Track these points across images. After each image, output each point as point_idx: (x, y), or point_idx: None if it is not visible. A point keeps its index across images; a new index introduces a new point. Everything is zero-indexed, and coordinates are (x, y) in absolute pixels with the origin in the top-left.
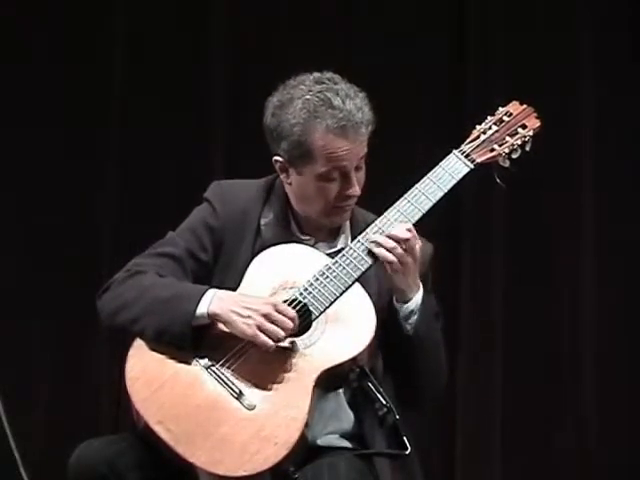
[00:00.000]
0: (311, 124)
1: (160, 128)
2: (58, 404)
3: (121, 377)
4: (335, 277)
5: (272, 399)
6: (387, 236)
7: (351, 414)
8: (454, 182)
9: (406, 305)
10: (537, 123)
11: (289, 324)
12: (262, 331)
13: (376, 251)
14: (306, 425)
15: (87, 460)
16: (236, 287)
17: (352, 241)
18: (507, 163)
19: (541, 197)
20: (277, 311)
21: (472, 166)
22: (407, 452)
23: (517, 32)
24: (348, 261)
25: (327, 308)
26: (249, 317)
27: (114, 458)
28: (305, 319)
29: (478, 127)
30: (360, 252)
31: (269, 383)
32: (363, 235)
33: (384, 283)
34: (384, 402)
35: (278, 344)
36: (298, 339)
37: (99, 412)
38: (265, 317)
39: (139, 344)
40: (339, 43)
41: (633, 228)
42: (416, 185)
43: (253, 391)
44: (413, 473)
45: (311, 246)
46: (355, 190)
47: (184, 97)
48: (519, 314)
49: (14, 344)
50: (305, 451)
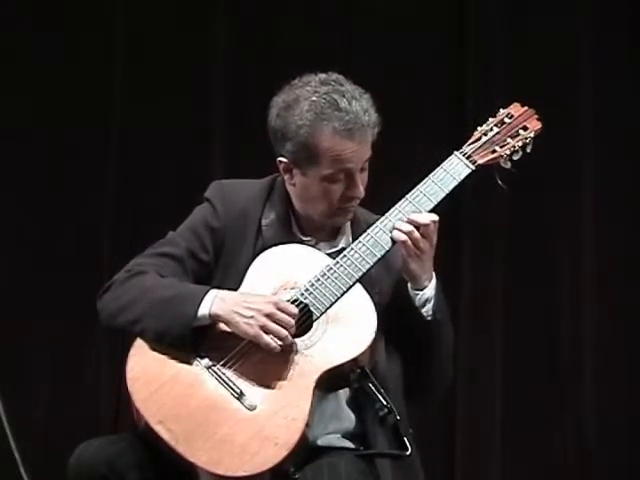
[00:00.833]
0: (317, 126)
1: (160, 128)
2: (58, 404)
3: (121, 377)
4: (336, 278)
5: (273, 399)
6: (407, 221)
7: (352, 414)
8: (455, 183)
9: (422, 292)
10: (538, 125)
11: (291, 322)
12: (265, 331)
13: (394, 233)
14: (307, 425)
15: (87, 460)
16: (237, 287)
17: (353, 241)
18: (508, 164)
19: (541, 197)
20: (279, 309)
21: (473, 167)
22: (408, 452)
23: (517, 32)
24: (349, 262)
25: (328, 309)
26: (252, 317)
27: (114, 458)
28: (306, 320)
29: (479, 128)
30: (361, 252)
31: (270, 383)
32: (364, 235)
33: (388, 282)
34: (385, 402)
35: (281, 344)
36: (299, 339)
37: (99, 412)
38: (268, 317)
39: (140, 344)
40: (339, 43)
41: (633, 228)
42: (417, 186)
43: (254, 391)
44: (414, 473)
45: (312, 246)
46: (359, 192)
47: (184, 97)
48: (519, 314)
49: (14, 344)
50: (305, 451)
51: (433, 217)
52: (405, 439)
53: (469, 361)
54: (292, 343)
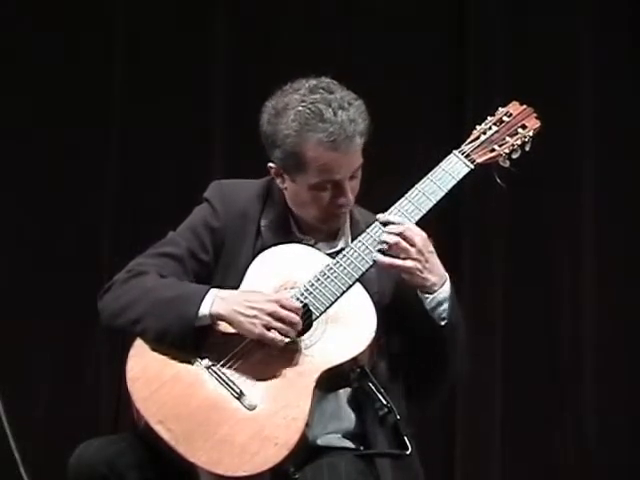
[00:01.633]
0: (302, 137)
1: (160, 128)
2: (58, 404)
3: (121, 377)
4: (336, 277)
5: (273, 399)
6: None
7: (352, 414)
8: (454, 182)
9: (432, 296)
10: (537, 123)
11: (295, 319)
12: (269, 330)
13: (376, 256)
14: (307, 425)
15: (87, 460)
16: (237, 287)
17: (352, 241)
18: (507, 163)
19: (541, 197)
20: (282, 306)
21: (472, 166)
22: (408, 452)
23: (517, 32)
24: (349, 261)
25: (328, 308)
26: (255, 317)
27: (114, 458)
28: (306, 319)
29: (478, 127)
30: (361, 252)
31: (270, 383)
32: (364, 235)
33: (388, 282)
34: (385, 402)
35: (284, 341)
36: (299, 339)
37: (99, 412)
38: (271, 315)
39: (140, 344)
40: (339, 43)
41: (633, 228)
42: (416, 185)
43: (254, 391)
44: (414, 473)
45: (311, 246)
46: (347, 200)
47: (184, 97)
48: (519, 314)
49: (14, 344)
50: (305, 451)
51: (397, 229)
52: (405, 439)
53: (469, 361)
54: (293, 341)
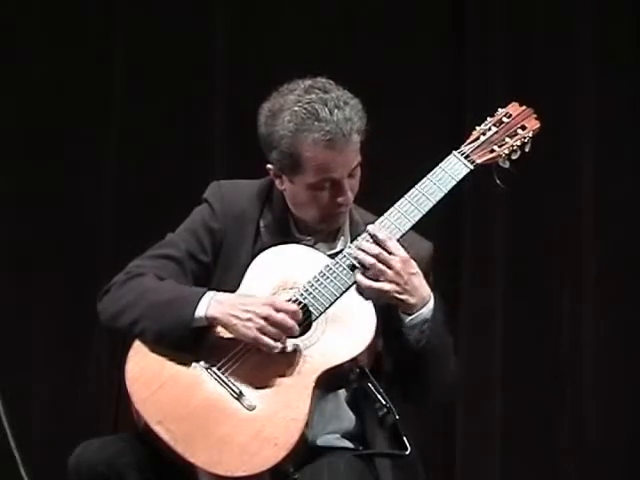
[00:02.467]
0: (298, 137)
1: (160, 128)
2: (58, 404)
3: (121, 377)
4: (335, 278)
5: (272, 400)
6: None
7: (351, 414)
8: (454, 183)
9: (411, 317)
10: (537, 124)
11: (290, 322)
12: (263, 334)
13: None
14: (306, 426)
15: (87, 460)
16: (236, 288)
17: (352, 242)
18: (507, 164)
19: (541, 197)
20: (276, 310)
21: (472, 167)
22: (407, 452)
23: (517, 32)
24: (348, 262)
25: (327, 309)
26: (249, 320)
27: (114, 458)
28: (305, 320)
29: (478, 128)
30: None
31: (269, 384)
32: (364, 236)
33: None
34: (384, 402)
35: (280, 345)
36: (298, 340)
37: (99, 412)
38: (265, 319)
39: (139, 345)
40: (339, 43)
41: (633, 228)
42: (416, 186)
43: (253, 392)
44: (413, 473)
45: (311, 247)
46: (347, 199)
47: (184, 97)
48: (519, 314)
49: (14, 344)
50: (305, 451)
51: (389, 244)
52: (404, 439)
53: (469, 361)
54: (291, 343)
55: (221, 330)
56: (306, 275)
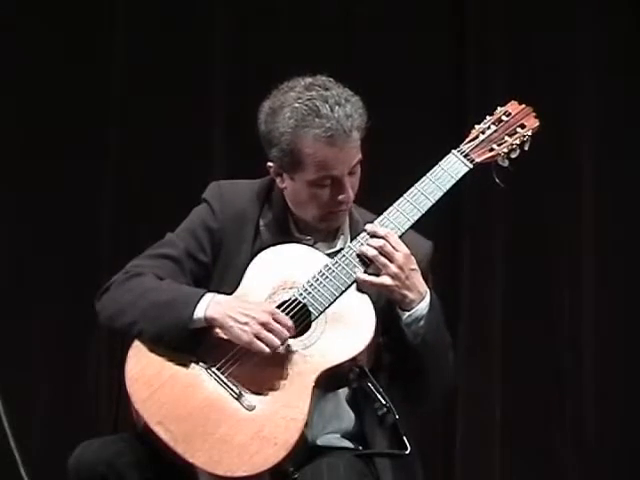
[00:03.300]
0: (299, 133)
1: (160, 128)
2: (58, 404)
3: (121, 377)
4: (334, 277)
5: (272, 400)
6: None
7: (351, 414)
8: (453, 182)
9: (409, 312)
10: (536, 123)
11: (285, 334)
12: (259, 339)
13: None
14: (306, 425)
15: (87, 460)
16: (235, 287)
17: (351, 241)
18: (506, 163)
19: (541, 197)
20: (275, 320)
21: (471, 166)
22: (407, 452)
23: (517, 32)
24: (347, 261)
25: (327, 308)
26: (246, 324)
27: (114, 458)
28: (305, 319)
29: (477, 127)
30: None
31: (269, 384)
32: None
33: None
34: (384, 402)
35: (274, 351)
36: (297, 339)
37: (99, 412)
38: (262, 325)
39: (139, 345)
40: (339, 43)
41: (633, 228)
42: (415, 185)
43: (253, 392)
44: (413, 473)
45: (310, 246)
46: (348, 196)
47: (184, 97)
48: (519, 314)
49: (14, 344)
50: (305, 451)
51: (376, 243)
52: (404, 438)
53: (469, 361)
54: (291, 344)
55: (221, 330)
56: (305, 275)
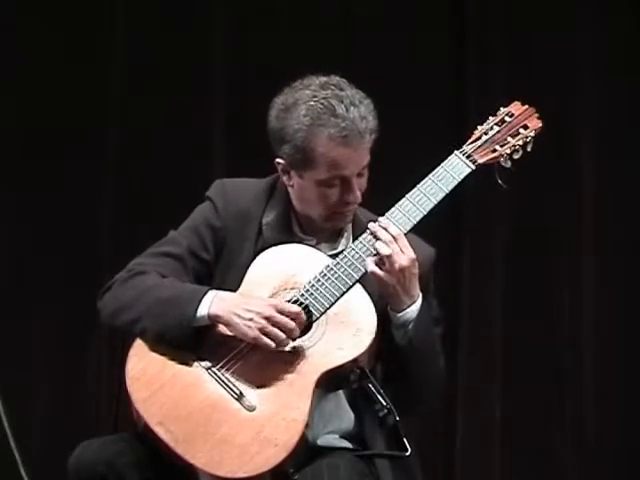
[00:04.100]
0: (313, 131)
1: (160, 128)
2: (58, 404)
3: (121, 377)
4: (336, 278)
5: (272, 400)
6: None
7: (351, 414)
8: (455, 183)
9: (399, 314)
10: (539, 124)
11: (291, 325)
12: (264, 334)
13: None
14: (306, 426)
15: (87, 460)
16: (237, 286)
17: (353, 242)
18: (508, 164)
19: (541, 197)
20: (279, 312)
21: (473, 167)
22: (407, 453)
23: (517, 32)
24: (349, 262)
25: (328, 309)
26: (251, 320)
27: (114, 458)
28: (306, 320)
29: (480, 128)
30: (361, 253)
31: (269, 384)
32: (365, 236)
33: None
34: (384, 403)
35: (280, 346)
36: (299, 340)
37: (99, 412)
38: (267, 320)
39: (139, 344)
40: (339, 43)
41: (633, 228)
42: (417, 185)
43: (253, 392)
44: (413, 474)
45: (313, 247)
46: (355, 197)
47: (184, 97)
48: (519, 314)
49: (14, 344)
50: (305, 452)
51: (400, 242)
52: (404, 439)
53: (469, 361)
54: (292, 344)
55: (222, 330)
56: (307, 275)
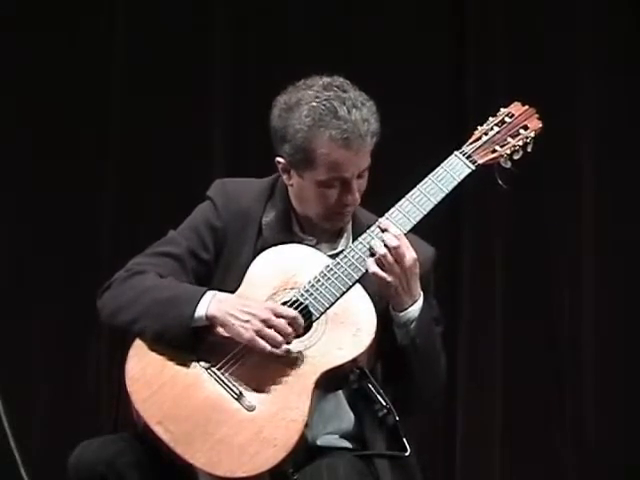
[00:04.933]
0: (315, 132)
1: (160, 128)
2: (58, 404)
3: (121, 377)
4: (336, 278)
5: (272, 400)
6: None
7: (351, 414)
8: (455, 183)
9: (401, 314)
10: (539, 124)
11: (288, 329)
12: (260, 336)
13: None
14: (306, 426)
15: (87, 460)
16: (237, 287)
17: (353, 242)
18: (508, 164)
19: (541, 197)
20: (276, 315)
21: (473, 167)
22: (407, 453)
23: (517, 32)
24: (349, 262)
25: (328, 309)
26: (247, 322)
27: (114, 458)
28: (306, 320)
29: (480, 128)
30: (361, 253)
31: (269, 384)
32: (364, 236)
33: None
34: (384, 403)
35: (276, 349)
36: (298, 340)
37: (99, 412)
38: (264, 322)
39: (139, 344)
40: (339, 43)
41: (633, 228)
42: (417, 186)
43: (253, 392)
44: (413, 474)
45: (312, 247)
46: (354, 199)
47: (184, 97)
48: (519, 314)
49: (14, 344)
50: (304, 452)
51: (397, 233)
52: (404, 439)
53: (469, 361)
54: (291, 344)
55: (222, 330)
56: (307, 275)
